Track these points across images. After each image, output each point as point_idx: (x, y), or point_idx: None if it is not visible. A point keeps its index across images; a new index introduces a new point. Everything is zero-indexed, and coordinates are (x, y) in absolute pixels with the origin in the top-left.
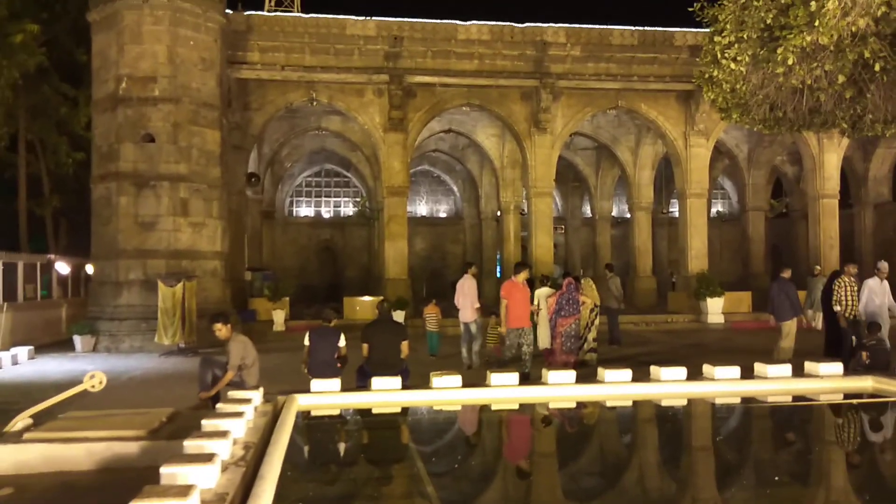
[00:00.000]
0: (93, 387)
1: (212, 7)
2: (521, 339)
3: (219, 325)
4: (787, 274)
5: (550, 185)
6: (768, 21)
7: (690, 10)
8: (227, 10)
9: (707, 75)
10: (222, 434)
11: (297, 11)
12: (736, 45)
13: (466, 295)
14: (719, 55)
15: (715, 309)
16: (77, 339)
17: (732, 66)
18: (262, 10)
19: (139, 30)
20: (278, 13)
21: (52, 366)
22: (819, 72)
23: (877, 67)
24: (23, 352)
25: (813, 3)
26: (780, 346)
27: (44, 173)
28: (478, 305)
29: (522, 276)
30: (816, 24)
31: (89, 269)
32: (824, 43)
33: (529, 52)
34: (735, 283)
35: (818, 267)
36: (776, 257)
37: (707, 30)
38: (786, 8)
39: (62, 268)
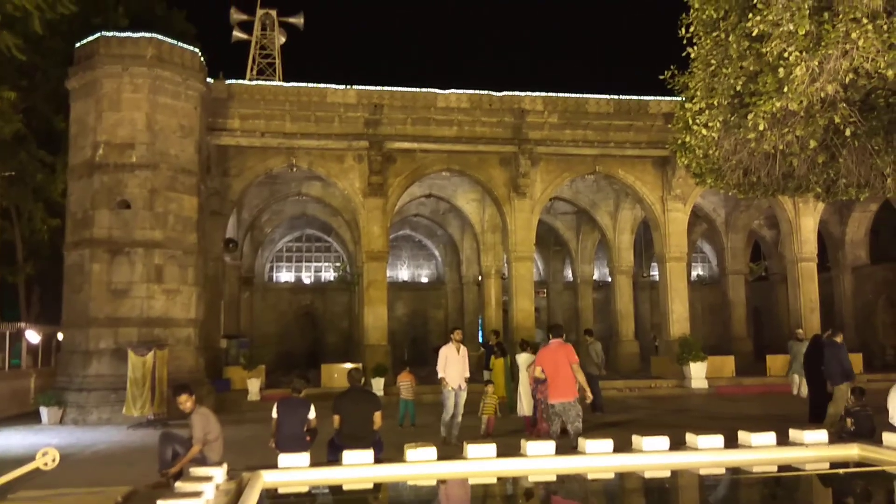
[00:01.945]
0: (45, 465)
1: (192, 76)
2: (565, 415)
3: (183, 398)
4: (839, 338)
5: (531, 249)
6: (738, 88)
7: (661, 77)
8: (209, 79)
9: (680, 141)
10: None
11: (279, 80)
12: (707, 112)
13: (454, 362)
14: (691, 121)
15: (698, 374)
16: (43, 411)
17: (704, 132)
18: (244, 78)
19: (118, 97)
20: (259, 82)
21: (14, 440)
22: (790, 137)
23: (847, 133)
24: None
25: (781, 70)
26: (829, 411)
27: (18, 240)
28: (467, 374)
29: (558, 340)
30: (785, 90)
31: (61, 337)
32: (794, 109)
33: (508, 119)
34: (717, 347)
35: (800, 330)
36: (757, 320)
37: (680, 98)
38: (754, 75)
39: (32, 336)
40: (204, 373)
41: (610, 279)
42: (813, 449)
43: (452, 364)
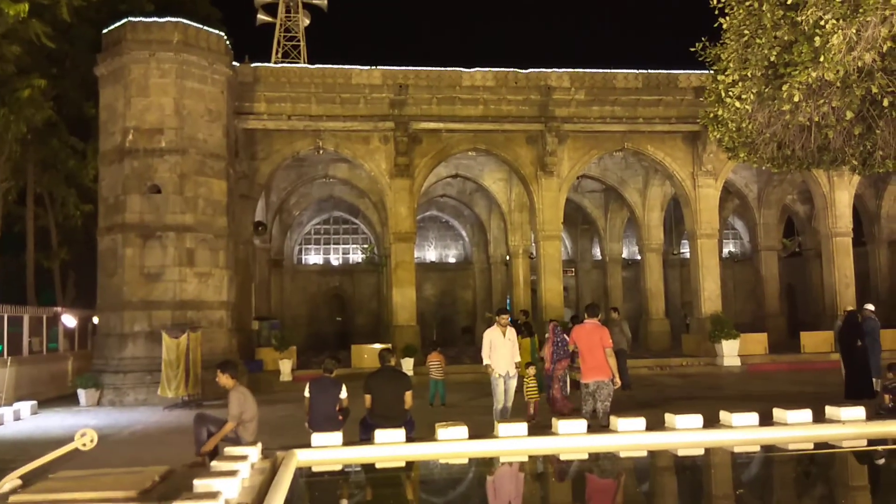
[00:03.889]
0: (84, 445)
1: (218, 59)
2: (598, 394)
3: (223, 375)
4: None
5: (558, 228)
6: (772, 58)
7: (693, 49)
8: (234, 63)
9: (712, 115)
10: (212, 496)
11: (304, 62)
12: (740, 84)
13: (501, 346)
14: (723, 94)
15: (730, 351)
16: (81, 393)
17: (737, 104)
18: (269, 61)
19: (146, 83)
20: (284, 64)
21: (54, 421)
22: (826, 108)
23: (885, 103)
24: (25, 407)
25: (817, 39)
26: None
27: (52, 226)
28: (518, 359)
29: (594, 321)
30: (821, 59)
31: (96, 321)
32: (830, 79)
33: (534, 96)
34: (750, 325)
35: (850, 308)
36: (791, 297)
37: (711, 70)
38: (789, 44)
39: (69, 320)
40: (237, 354)
41: (639, 257)
42: (850, 426)
43: (498, 349)
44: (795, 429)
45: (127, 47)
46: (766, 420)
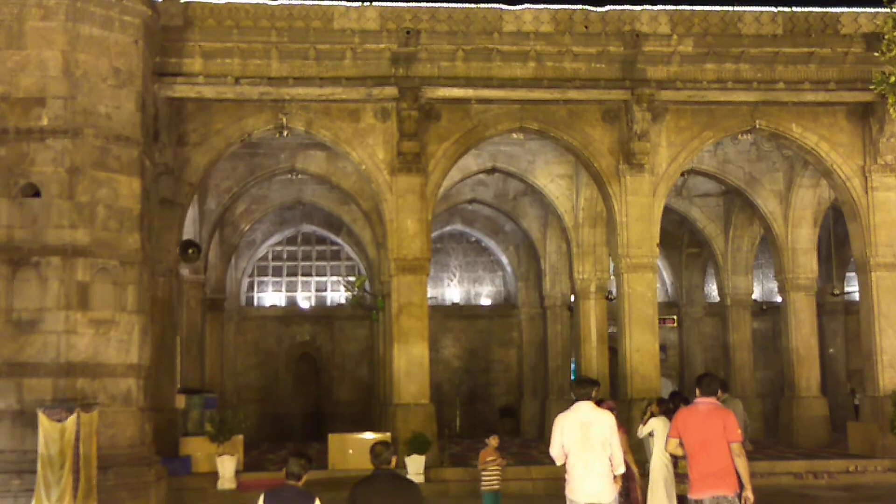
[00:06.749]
0: None
1: None
2: None
3: None
4: None
5: (652, 252)
6: None
7: None
8: None
9: (893, 79)
10: None
11: None
12: None
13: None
14: None
15: None
16: None
17: None
18: None
19: (20, 28)
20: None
21: None
22: None
23: None
24: None
25: None
26: None
27: None
28: (622, 470)
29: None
30: None
31: None
32: None
33: (615, 48)
34: None
35: None
36: None
37: (891, 9)
38: None
39: None
40: (152, 447)
41: (779, 299)
42: None
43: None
44: None
45: None
46: None
